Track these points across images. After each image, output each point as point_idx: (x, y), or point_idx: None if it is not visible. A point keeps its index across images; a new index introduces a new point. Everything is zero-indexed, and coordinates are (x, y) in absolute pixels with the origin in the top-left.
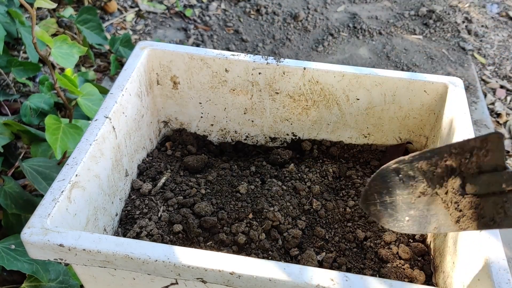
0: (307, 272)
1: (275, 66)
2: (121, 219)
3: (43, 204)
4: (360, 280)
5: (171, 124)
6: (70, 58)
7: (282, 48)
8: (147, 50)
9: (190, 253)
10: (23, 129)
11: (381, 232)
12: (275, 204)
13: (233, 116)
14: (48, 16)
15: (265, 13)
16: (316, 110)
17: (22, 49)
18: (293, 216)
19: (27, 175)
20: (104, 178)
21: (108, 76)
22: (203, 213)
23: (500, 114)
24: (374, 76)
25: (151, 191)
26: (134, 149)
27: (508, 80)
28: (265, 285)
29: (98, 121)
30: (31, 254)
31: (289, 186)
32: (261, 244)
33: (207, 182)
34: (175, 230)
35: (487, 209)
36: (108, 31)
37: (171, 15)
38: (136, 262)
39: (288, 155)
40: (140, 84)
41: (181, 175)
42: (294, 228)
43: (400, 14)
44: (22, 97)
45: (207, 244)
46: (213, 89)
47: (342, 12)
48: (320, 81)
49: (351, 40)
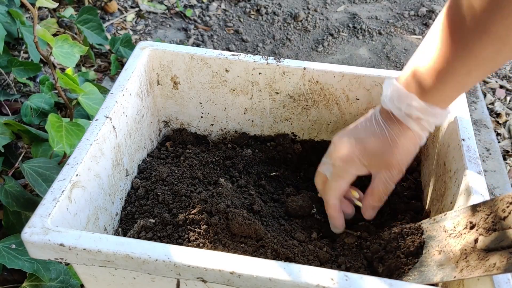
0: (307, 271)
1: (275, 66)
2: (121, 219)
3: (44, 204)
4: (360, 279)
5: (171, 124)
6: (71, 57)
7: (282, 48)
8: (148, 50)
9: (190, 253)
10: (24, 129)
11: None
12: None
13: (233, 116)
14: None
15: (265, 13)
16: (316, 110)
17: (22, 49)
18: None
19: (27, 177)
20: (105, 178)
21: (108, 76)
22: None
23: (500, 114)
24: (374, 76)
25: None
26: (135, 149)
27: (507, 80)
28: (265, 284)
29: (99, 121)
30: (31, 253)
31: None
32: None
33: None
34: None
35: (492, 259)
36: (108, 31)
37: (171, 15)
38: (137, 262)
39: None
40: (140, 84)
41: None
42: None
43: (400, 14)
44: (23, 97)
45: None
46: (213, 89)
47: (342, 12)
48: (320, 81)
49: (351, 40)
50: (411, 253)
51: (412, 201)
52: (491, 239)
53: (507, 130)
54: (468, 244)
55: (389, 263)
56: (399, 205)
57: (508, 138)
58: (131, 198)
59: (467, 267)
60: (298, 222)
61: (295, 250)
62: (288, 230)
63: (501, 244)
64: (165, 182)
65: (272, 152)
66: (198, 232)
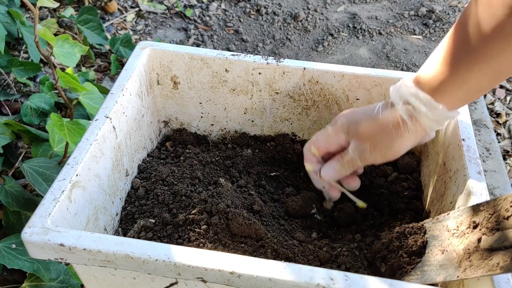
0: (307, 271)
1: (275, 66)
2: (121, 219)
3: (44, 204)
4: (360, 279)
5: (171, 124)
6: (72, 57)
7: (282, 48)
8: (148, 50)
9: (190, 253)
10: (24, 129)
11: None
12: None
13: (233, 116)
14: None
15: (265, 13)
16: (316, 110)
17: (22, 49)
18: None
19: (28, 177)
20: (105, 178)
21: (108, 76)
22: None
23: (500, 114)
24: (374, 76)
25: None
26: (135, 148)
27: (507, 80)
28: (265, 284)
29: (99, 121)
30: (31, 253)
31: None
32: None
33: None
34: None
35: (495, 259)
36: (108, 31)
37: (171, 15)
38: (137, 262)
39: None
40: (140, 84)
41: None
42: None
43: (400, 14)
44: (23, 97)
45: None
46: (213, 89)
47: (342, 12)
48: (320, 81)
49: (351, 40)
50: (414, 253)
51: (412, 201)
52: (495, 239)
53: (507, 130)
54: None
55: (391, 262)
56: (399, 205)
57: (508, 138)
58: (131, 198)
59: (470, 267)
60: (298, 222)
61: (295, 250)
62: (288, 230)
63: (504, 243)
64: (165, 182)
65: (272, 152)
66: (198, 232)
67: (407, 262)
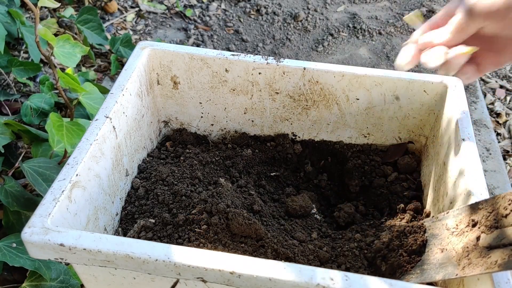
0: (307, 271)
1: (275, 66)
2: (121, 219)
3: (44, 204)
4: (360, 279)
5: (171, 124)
6: (72, 57)
7: (282, 48)
8: (148, 50)
9: (190, 253)
10: (24, 129)
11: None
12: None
13: (233, 116)
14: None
15: (265, 13)
16: (316, 110)
17: (22, 49)
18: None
19: (28, 177)
20: (105, 178)
21: (108, 76)
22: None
23: (500, 114)
24: (374, 76)
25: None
26: (135, 148)
27: (507, 80)
28: (265, 284)
29: (99, 121)
30: (31, 253)
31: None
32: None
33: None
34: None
35: (493, 257)
36: (108, 31)
37: (171, 15)
38: (137, 262)
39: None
40: (140, 84)
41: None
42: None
43: (400, 14)
44: (23, 97)
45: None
46: (213, 89)
47: (342, 12)
48: (320, 81)
49: (351, 40)
50: (414, 252)
51: (412, 201)
52: (493, 237)
53: (507, 130)
54: (470, 241)
55: (392, 261)
56: (399, 205)
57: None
58: (131, 198)
59: (469, 265)
60: (298, 222)
61: (295, 250)
62: (288, 230)
63: (503, 241)
64: (165, 182)
65: (272, 152)
66: (198, 232)
67: (407, 261)
